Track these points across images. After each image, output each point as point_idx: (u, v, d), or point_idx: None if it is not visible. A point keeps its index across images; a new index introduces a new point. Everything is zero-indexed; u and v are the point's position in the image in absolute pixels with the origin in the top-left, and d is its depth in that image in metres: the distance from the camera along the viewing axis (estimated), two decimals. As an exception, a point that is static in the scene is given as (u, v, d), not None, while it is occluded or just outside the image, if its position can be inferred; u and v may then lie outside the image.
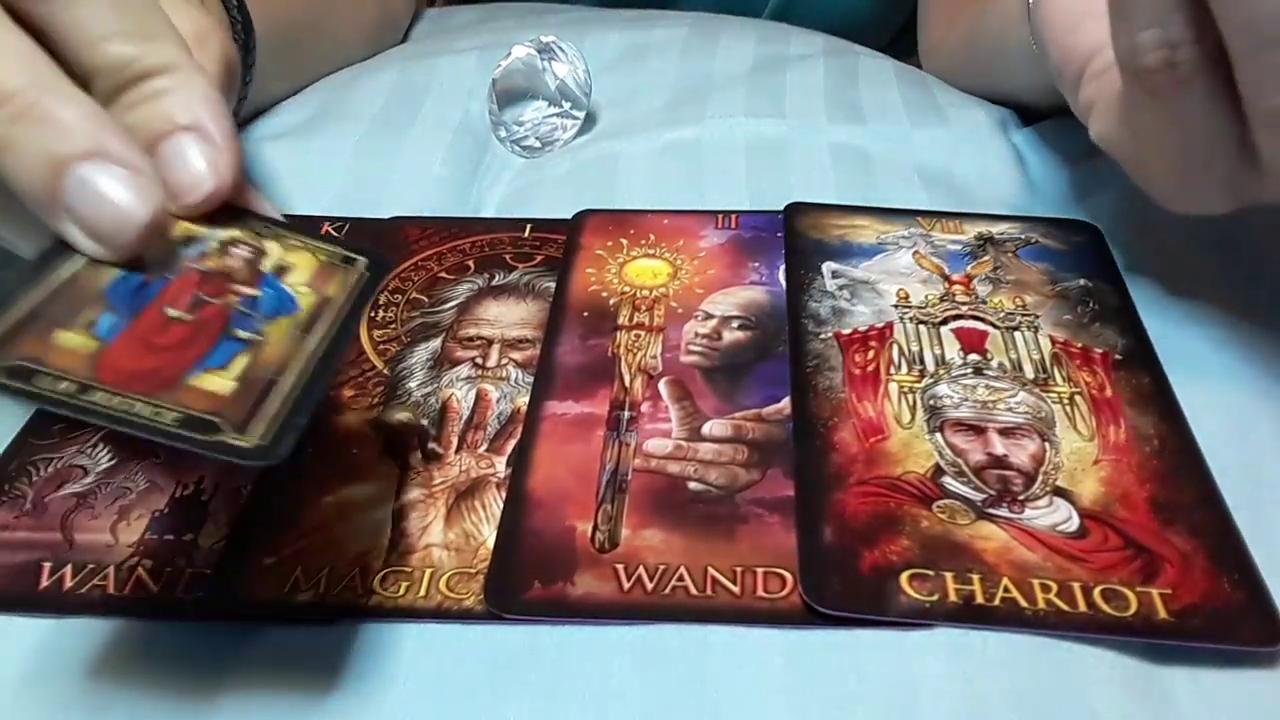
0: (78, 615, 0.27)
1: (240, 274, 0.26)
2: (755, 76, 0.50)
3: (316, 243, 0.28)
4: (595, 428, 0.32)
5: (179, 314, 0.24)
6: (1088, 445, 0.31)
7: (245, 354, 0.24)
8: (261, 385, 0.24)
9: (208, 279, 0.25)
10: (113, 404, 0.22)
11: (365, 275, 0.28)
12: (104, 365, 0.23)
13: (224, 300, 0.25)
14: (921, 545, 0.28)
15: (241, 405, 0.23)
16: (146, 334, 0.24)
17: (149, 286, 0.25)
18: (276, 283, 0.26)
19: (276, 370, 0.24)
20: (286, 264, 0.27)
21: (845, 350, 0.34)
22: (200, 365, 0.24)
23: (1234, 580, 0.27)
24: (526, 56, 0.46)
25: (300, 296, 0.26)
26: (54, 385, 0.22)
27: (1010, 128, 0.48)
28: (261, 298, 0.26)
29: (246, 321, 0.25)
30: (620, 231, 0.40)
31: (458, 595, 0.27)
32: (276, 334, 0.25)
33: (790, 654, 0.26)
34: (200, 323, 0.25)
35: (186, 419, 0.22)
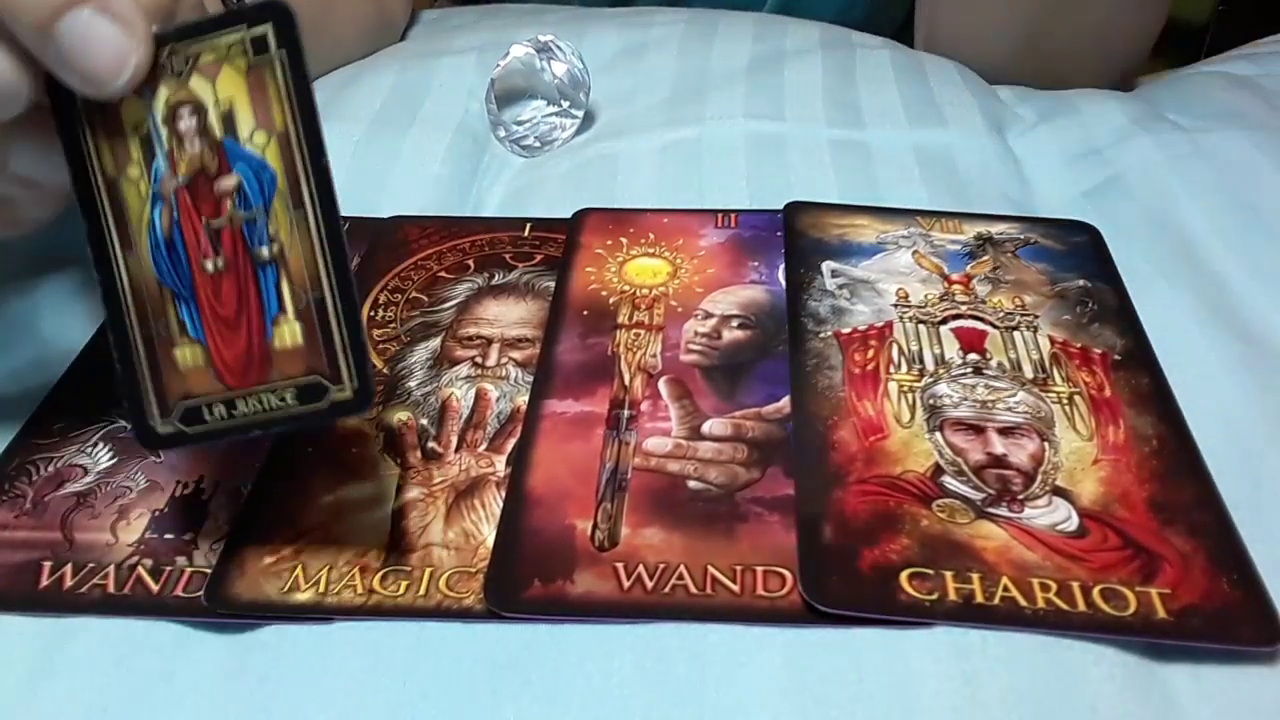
0: (78, 614, 0.27)
1: (210, 163, 0.26)
2: (753, 75, 0.50)
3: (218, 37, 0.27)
4: (595, 426, 0.32)
5: (214, 264, 0.26)
6: (1087, 445, 0.31)
7: (282, 278, 0.26)
8: (314, 310, 0.26)
9: (197, 195, 0.26)
10: (253, 409, 0.26)
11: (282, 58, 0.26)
12: (221, 368, 0.26)
13: (226, 216, 0.26)
14: (921, 544, 0.28)
15: (317, 348, 0.26)
16: (215, 310, 0.26)
17: (174, 244, 0.26)
18: (239, 150, 0.26)
19: (313, 284, 0.26)
20: (226, 106, 0.26)
21: (845, 349, 0.34)
22: (268, 322, 0.26)
23: (1232, 580, 0.27)
24: (525, 56, 0.46)
25: (266, 155, 0.26)
26: (213, 415, 0.26)
27: (1009, 128, 0.48)
28: (244, 183, 0.26)
29: (255, 231, 0.26)
30: (620, 230, 0.40)
31: (457, 594, 0.27)
32: (284, 230, 0.26)
33: (790, 652, 0.26)
34: (231, 263, 0.26)
35: (301, 391, 0.26)
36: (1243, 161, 0.43)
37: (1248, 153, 0.44)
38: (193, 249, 0.26)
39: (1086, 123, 0.48)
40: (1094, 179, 0.44)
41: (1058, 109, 0.49)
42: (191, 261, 0.26)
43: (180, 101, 0.26)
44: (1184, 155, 0.44)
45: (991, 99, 0.50)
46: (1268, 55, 0.55)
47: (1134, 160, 0.44)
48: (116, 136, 0.26)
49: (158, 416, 0.26)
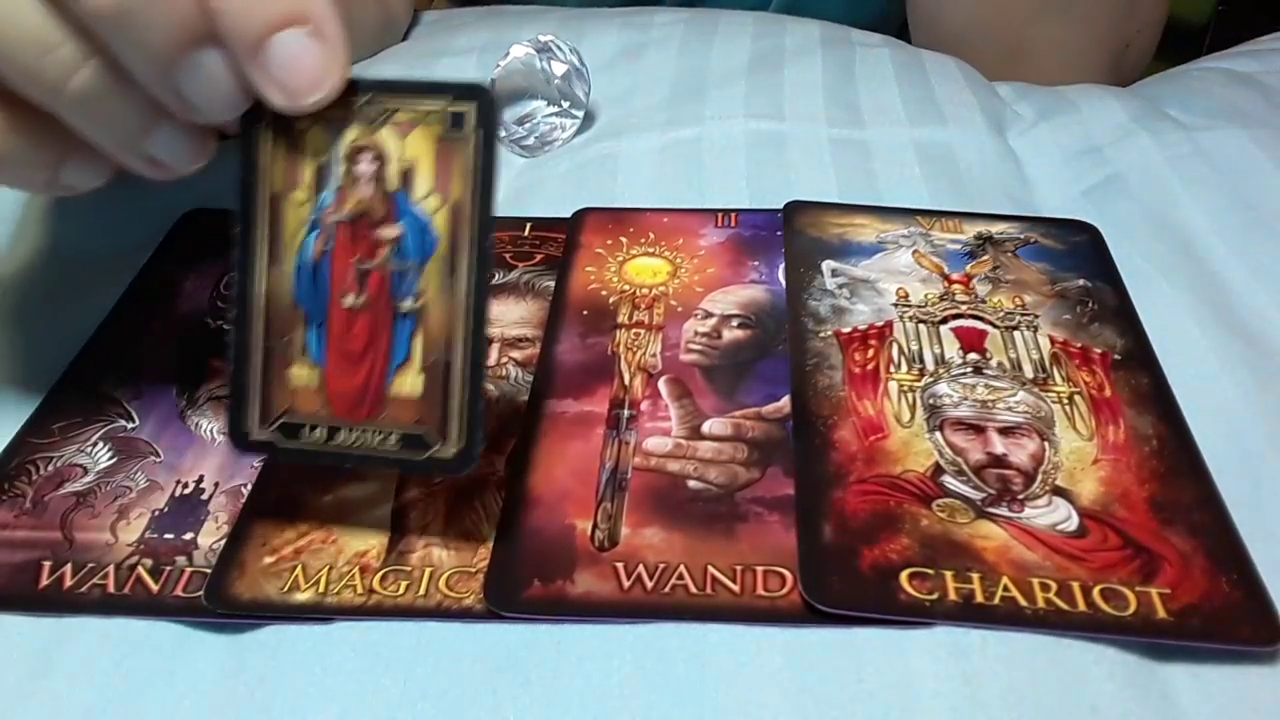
0: (77, 614, 0.27)
1: (376, 208, 0.27)
2: (753, 74, 0.50)
3: (421, 102, 0.27)
4: (595, 426, 0.32)
5: (354, 301, 0.27)
6: (1087, 445, 0.31)
7: (417, 333, 0.27)
8: (440, 371, 0.27)
9: (356, 235, 0.27)
10: (353, 441, 0.27)
11: (478, 138, 0.27)
12: (333, 396, 0.27)
13: (379, 261, 0.27)
14: (921, 544, 0.28)
15: (433, 405, 0.27)
16: (343, 341, 0.27)
17: (319, 270, 0.27)
18: (409, 207, 0.27)
19: (446, 346, 0.27)
20: (408, 164, 0.27)
21: (845, 349, 0.34)
22: (391, 368, 0.27)
23: (1233, 580, 0.27)
24: (525, 56, 0.46)
25: (434, 219, 0.27)
26: (311, 436, 0.27)
27: (1009, 126, 0.48)
28: (404, 237, 0.27)
29: (404, 284, 0.27)
30: (620, 230, 0.40)
31: (457, 594, 0.27)
32: (432, 289, 0.27)
33: (790, 652, 0.26)
34: (372, 304, 0.27)
35: (404, 439, 0.27)
36: (1243, 160, 0.43)
37: (1248, 151, 0.44)
38: (337, 281, 0.27)
39: (1086, 120, 0.48)
40: (1094, 177, 0.44)
41: (1058, 107, 0.49)
42: (332, 292, 0.27)
43: (365, 146, 0.27)
44: (1184, 154, 0.44)
45: (992, 97, 0.50)
46: (1269, 52, 0.55)
47: (1134, 159, 0.44)
48: (294, 157, 0.27)
49: (256, 422, 0.27)
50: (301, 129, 0.27)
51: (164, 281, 0.39)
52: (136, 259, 0.40)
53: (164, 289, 0.39)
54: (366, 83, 0.27)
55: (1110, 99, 0.49)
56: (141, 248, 0.40)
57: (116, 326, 0.37)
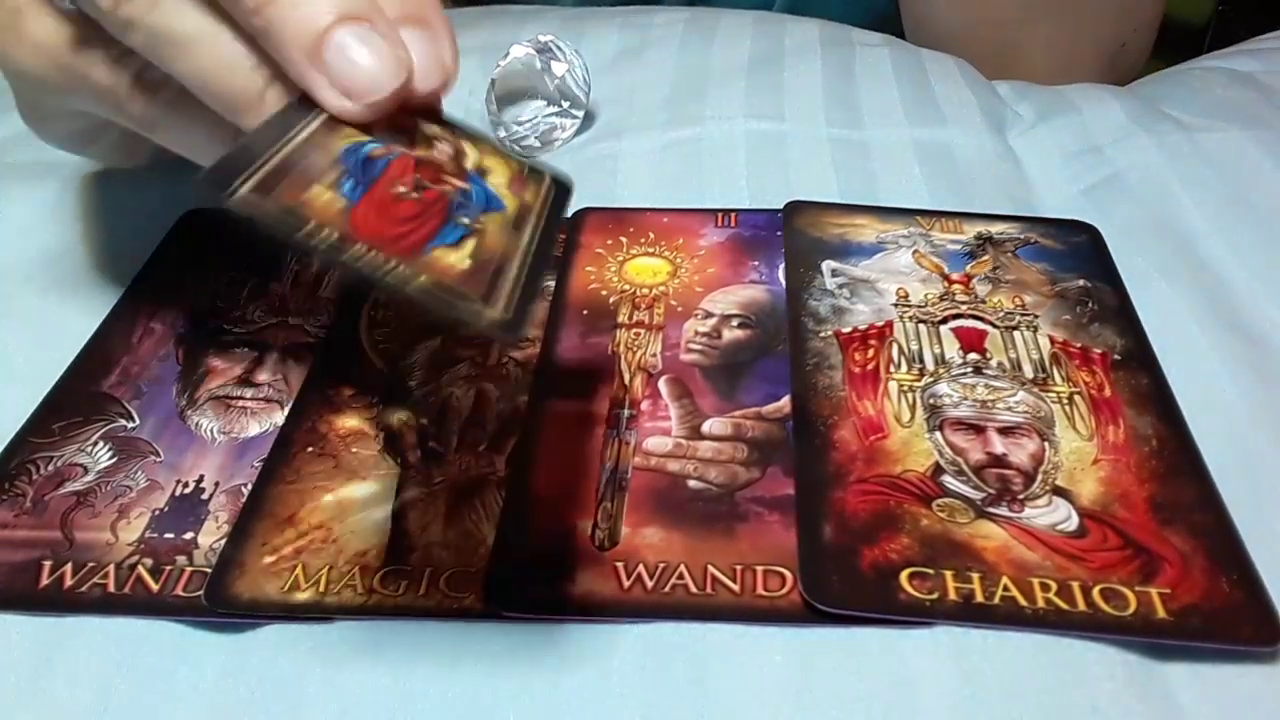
0: (78, 614, 0.27)
1: (449, 167, 0.26)
2: (753, 73, 0.50)
3: (505, 152, 0.28)
4: (595, 426, 0.32)
5: (406, 190, 0.25)
6: (1087, 445, 0.31)
7: (471, 238, 0.25)
8: (492, 267, 0.24)
9: (423, 165, 0.26)
10: (370, 259, 0.22)
11: (553, 189, 0.28)
12: (356, 223, 0.23)
13: (441, 188, 0.26)
14: (921, 544, 0.28)
15: (479, 282, 0.23)
16: (383, 203, 0.24)
17: (374, 162, 0.25)
18: (481, 181, 0.27)
19: (502, 258, 0.25)
20: (485, 166, 0.27)
21: (845, 349, 0.34)
22: (437, 239, 0.24)
23: (1233, 580, 0.27)
24: (525, 56, 0.46)
25: (505, 198, 0.26)
26: (319, 233, 0.22)
27: (1009, 127, 0.48)
28: (472, 192, 0.26)
29: (465, 209, 0.25)
30: (620, 230, 0.40)
31: (457, 594, 0.27)
32: (493, 226, 0.25)
33: (790, 652, 0.26)
34: (426, 202, 0.25)
35: (437, 283, 0.23)
36: (1243, 160, 0.43)
37: (1248, 151, 0.44)
38: (391, 174, 0.25)
39: (1086, 120, 0.48)
40: (1093, 177, 0.44)
41: (1058, 107, 0.49)
42: (382, 176, 0.25)
43: (445, 138, 0.27)
44: (1184, 154, 0.44)
45: (992, 96, 0.50)
46: (1269, 52, 0.55)
47: (1134, 158, 0.44)
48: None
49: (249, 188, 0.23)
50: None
51: (164, 281, 0.39)
52: (136, 259, 0.40)
53: (164, 289, 0.39)
54: (459, 123, 0.27)
55: (1110, 99, 0.49)
56: (141, 248, 0.40)
57: (116, 326, 0.37)
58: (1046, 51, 0.58)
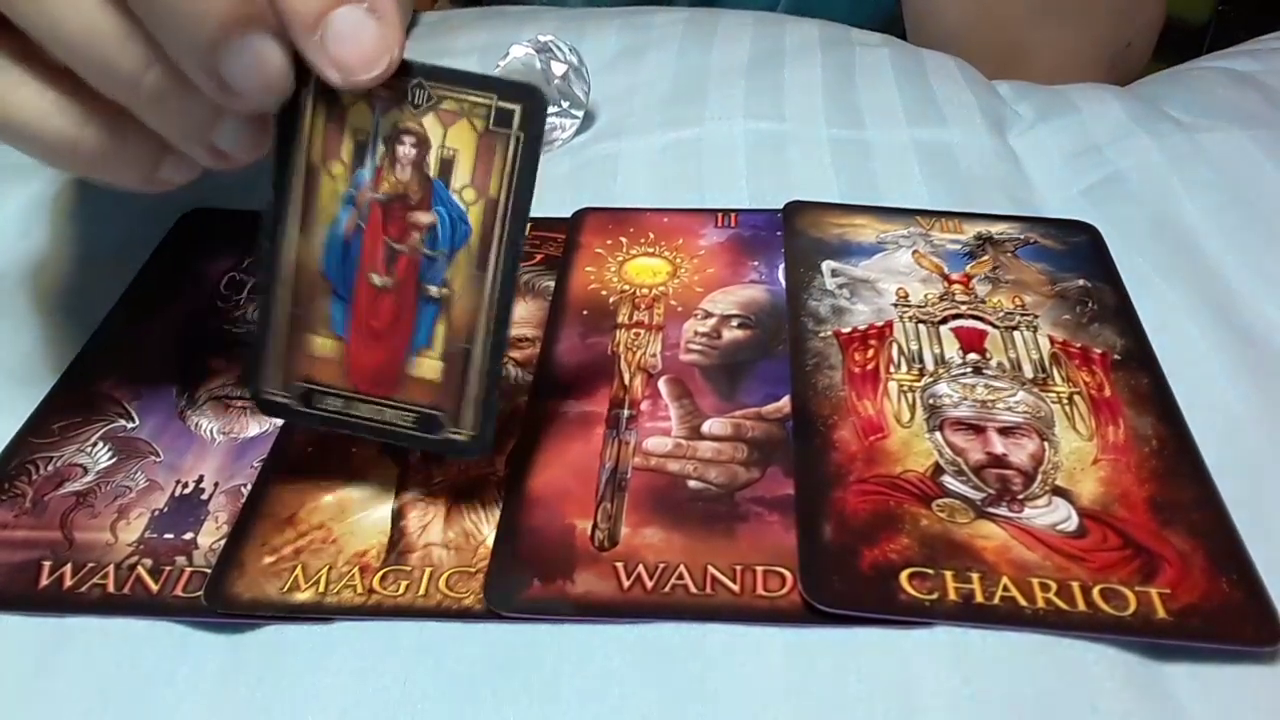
0: (77, 614, 0.27)
1: (413, 192, 0.27)
2: (753, 74, 0.50)
3: (469, 94, 0.27)
4: (595, 426, 0.32)
5: (382, 281, 0.27)
6: (1087, 445, 0.31)
7: (440, 319, 0.27)
8: (460, 359, 0.27)
9: (390, 214, 0.27)
10: (370, 415, 0.28)
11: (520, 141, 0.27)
12: (353, 369, 0.28)
13: (409, 244, 0.27)
14: (921, 544, 0.28)
15: (450, 390, 0.28)
16: (367, 318, 0.27)
17: (350, 247, 0.27)
18: (446, 193, 0.27)
19: (468, 335, 0.27)
20: (449, 152, 0.27)
21: (845, 349, 0.34)
22: (412, 349, 0.27)
23: (1232, 580, 0.27)
24: (525, 56, 0.46)
25: (469, 209, 0.27)
26: (328, 404, 0.28)
27: (1009, 127, 0.48)
28: (438, 225, 0.27)
29: (433, 270, 0.27)
30: (620, 230, 0.40)
31: (457, 594, 0.27)
32: (460, 280, 0.27)
33: (790, 652, 0.26)
34: (399, 287, 0.27)
35: (419, 418, 0.28)
36: (1243, 160, 0.43)
37: (1248, 151, 0.44)
38: (366, 258, 0.27)
39: (1086, 120, 0.48)
40: (1093, 177, 0.44)
41: (1058, 107, 0.49)
42: (361, 268, 0.27)
43: (408, 129, 0.27)
44: (1184, 154, 0.44)
45: (992, 97, 0.50)
46: (1269, 52, 0.55)
47: (1134, 159, 0.44)
48: (335, 131, 0.27)
49: (278, 386, 0.28)
50: (346, 104, 0.27)
51: (164, 281, 0.39)
52: (136, 259, 0.40)
53: (164, 289, 0.39)
54: (418, 66, 0.27)
55: (1110, 99, 0.49)
56: (141, 248, 0.40)
57: (116, 326, 0.37)
58: (1049, 53, 0.58)
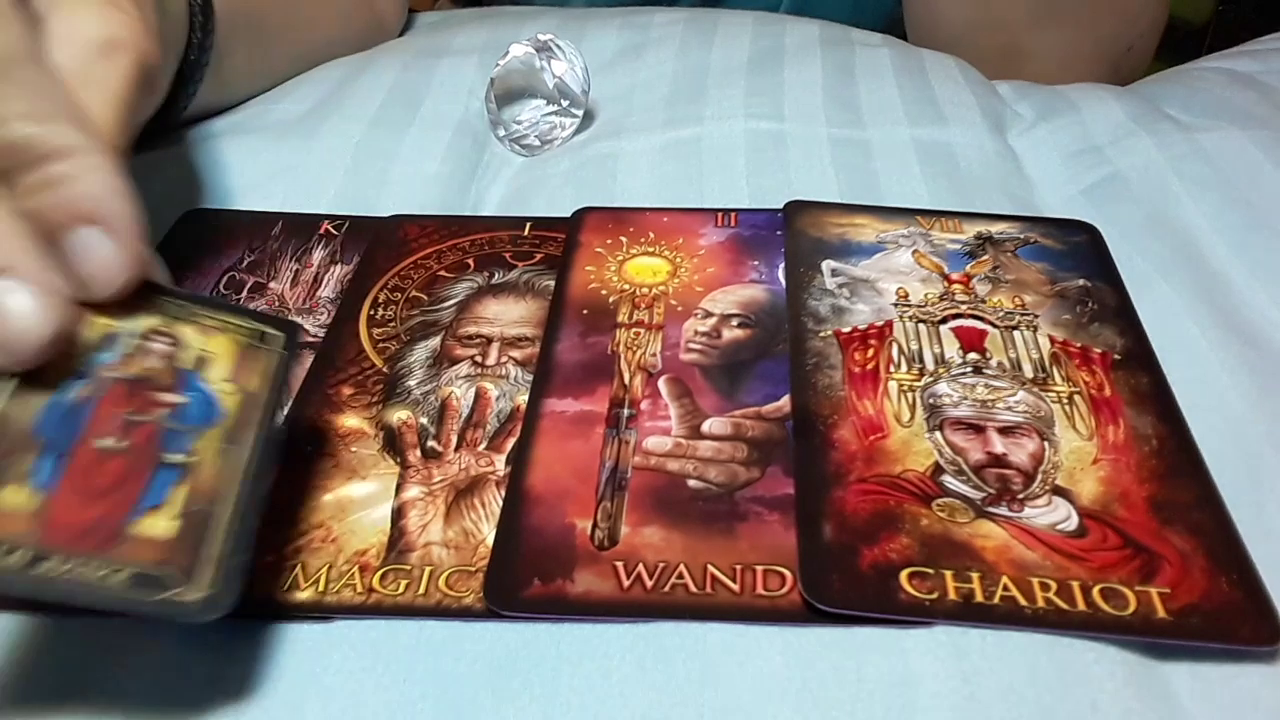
0: (77, 614, 0.27)
1: (162, 378, 0.26)
2: (753, 73, 0.50)
3: (228, 318, 0.28)
4: (595, 425, 0.32)
5: (111, 444, 0.25)
6: (1087, 445, 0.31)
7: (181, 484, 0.25)
8: (199, 519, 0.24)
9: (132, 391, 0.25)
10: (64, 572, 0.22)
11: (283, 356, 0.28)
12: (50, 524, 0.23)
13: (153, 416, 0.25)
14: (921, 543, 0.28)
15: (185, 549, 0.24)
16: (84, 476, 0.24)
17: (77, 412, 0.25)
18: (198, 384, 0.26)
19: (211, 499, 0.25)
20: (206, 355, 0.27)
21: (845, 348, 0.34)
22: (139, 508, 0.24)
23: (1232, 580, 0.27)
24: (525, 55, 0.46)
25: (224, 397, 0.26)
26: (6, 559, 0.22)
27: (1009, 127, 0.48)
28: (188, 405, 0.26)
29: (177, 441, 0.25)
30: (620, 229, 0.40)
31: (457, 593, 0.27)
32: (208, 452, 0.25)
33: (790, 652, 0.26)
34: (134, 451, 0.25)
35: (135, 577, 0.23)
36: (1243, 160, 0.43)
37: (1248, 151, 0.44)
38: (95, 425, 0.25)
39: (1086, 120, 0.48)
40: (1093, 177, 0.44)
41: (1057, 106, 0.49)
42: (86, 434, 0.24)
43: (162, 332, 0.26)
44: (1184, 154, 0.44)
45: (992, 96, 0.50)
46: (1269, 52, 0.55)
47: (1134, 159, 0.44)
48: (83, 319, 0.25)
49: None
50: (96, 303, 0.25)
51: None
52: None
53: (164, 288, 0.38)
54: (179, 292, 0.27)
55: (1110, 99, 0.49)
56: (141, 247, 0.40)
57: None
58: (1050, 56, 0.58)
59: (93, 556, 0.23)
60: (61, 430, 0.24)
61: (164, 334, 0.26)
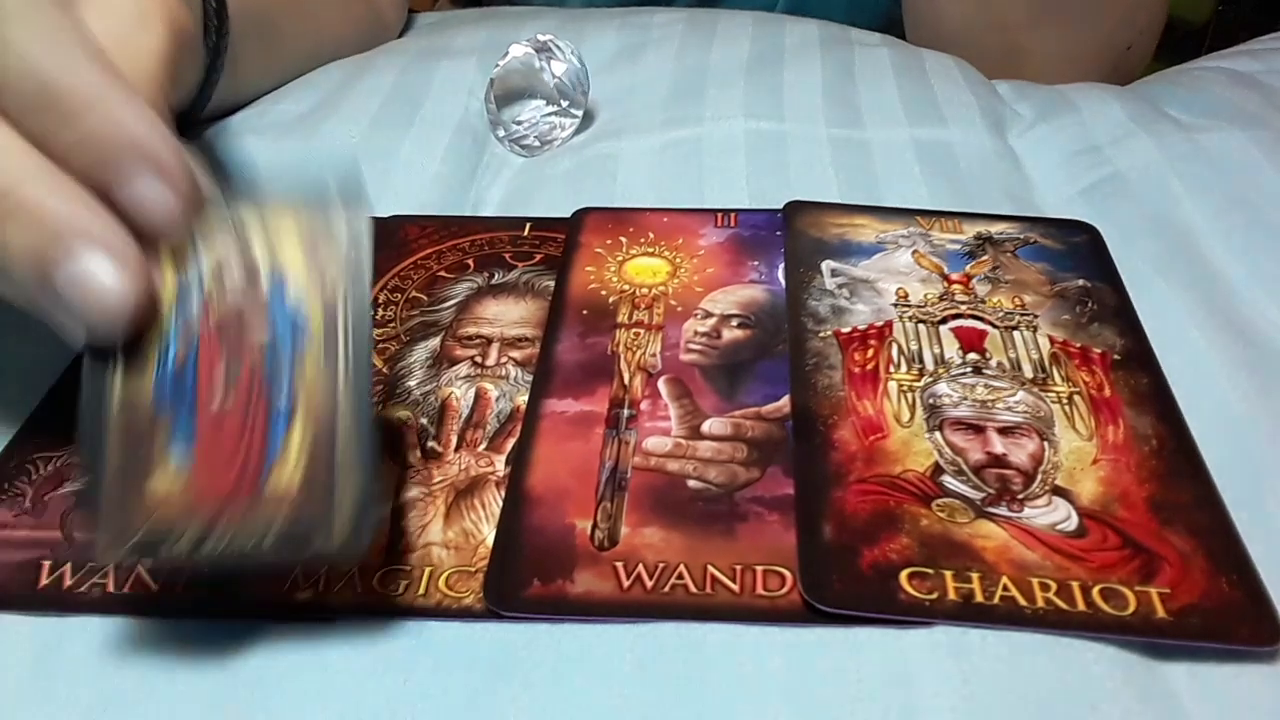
0: (78, 614, 0.27)
1: (246, 314, 0.26)
2: (752, 74, 0.50)
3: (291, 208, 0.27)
4: (594, 426, 0.32)
5: (222, 403, 0.25)
6: (1086, 445, 0.31)
7: (293, 428, 0.25)
8: (323, 464, 0.25)
9: (222, 337, 0.25)
10: (223, 545, 0.24)
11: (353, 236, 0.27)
12: (200, 498, 0.24)
13: (248, 362, 0.25)
14: (921, 544, 0.28)
15: (315, 498, 0.24)
16: (212, 443, 0.25)
17: (182, 377, 0.25)
18: (281, 306, 0.26)
19: (327, 440, 0.25)
20: (278, 270, 0.26)
21: (845, 349, 0.34)
22: (266, 466, 0.25)
23: (1232, 580, 0.27)
24: (524, 55, 0.46)
25: (308, 314, 0.26)
26: (174, 548, 0.24)
27: (1009, 127, 0.48)
28: (275, 341, 0.26)
29: (278, 381, 0.25)
30: (619, 230, 0.41)
31: (457, 594, 0.27)
32: (308, 388, 0.25)
33: (789, 652, 0.26)
34: (242, 405, 0.25)
35: (282, 536, 0.24)
36: (1243, 160, 0.43)
37: (1249, 151, 0.44)
38: (204, 385, 0.25)
39: (1086, 120, 0.48)
40: (1093, 177, 0.44)
41: (1057, 106, 0.49)
42: (200, 397, 0.25)
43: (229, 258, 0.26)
44: (1184, 154, 0.44)
45: (992, 96, 0.50)
46: (1269, 52, 0.55)
47: (1134, 159, 0.44)
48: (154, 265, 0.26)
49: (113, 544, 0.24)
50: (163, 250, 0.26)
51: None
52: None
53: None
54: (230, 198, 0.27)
55: (1110, 99, 0.49)
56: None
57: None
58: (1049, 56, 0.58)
59: (243, 523, 0.24)
60: (177, 401, 0.25)
61: (234, 260, 0.26)
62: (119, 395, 0.25)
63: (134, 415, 0.25)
